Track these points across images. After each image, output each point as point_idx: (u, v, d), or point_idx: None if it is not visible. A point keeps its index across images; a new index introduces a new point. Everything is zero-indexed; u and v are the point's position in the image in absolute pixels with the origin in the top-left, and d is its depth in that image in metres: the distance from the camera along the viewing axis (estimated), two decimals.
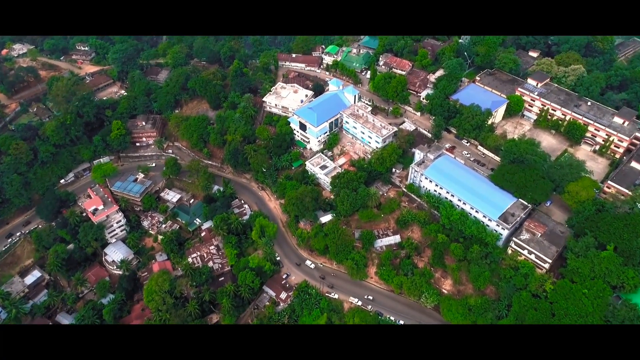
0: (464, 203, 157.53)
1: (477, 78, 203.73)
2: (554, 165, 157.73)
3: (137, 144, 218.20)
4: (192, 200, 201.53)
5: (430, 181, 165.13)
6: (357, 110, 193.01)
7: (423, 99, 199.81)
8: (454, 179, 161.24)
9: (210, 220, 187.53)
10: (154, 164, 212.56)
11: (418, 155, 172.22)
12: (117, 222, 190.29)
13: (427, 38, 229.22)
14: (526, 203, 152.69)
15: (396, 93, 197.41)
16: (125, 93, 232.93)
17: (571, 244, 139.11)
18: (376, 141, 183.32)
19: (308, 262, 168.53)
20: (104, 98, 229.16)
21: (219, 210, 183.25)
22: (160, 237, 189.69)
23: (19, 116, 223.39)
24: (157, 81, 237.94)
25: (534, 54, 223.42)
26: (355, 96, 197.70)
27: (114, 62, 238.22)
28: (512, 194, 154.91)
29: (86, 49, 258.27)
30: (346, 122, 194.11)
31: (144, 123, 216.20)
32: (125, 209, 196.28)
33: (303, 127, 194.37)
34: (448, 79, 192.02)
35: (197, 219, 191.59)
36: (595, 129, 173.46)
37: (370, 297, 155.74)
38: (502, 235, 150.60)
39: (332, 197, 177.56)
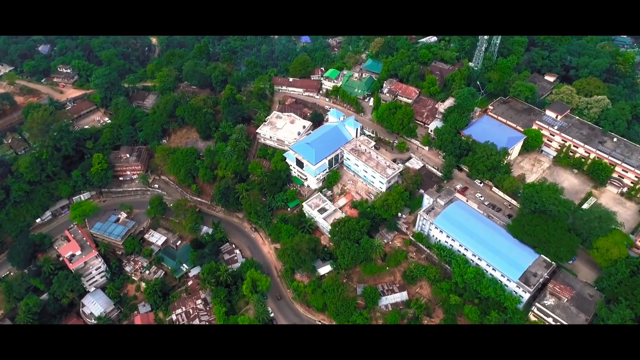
0: (479, 259, 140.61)
1: (490, 107, 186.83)
2: (581, 217, 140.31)
3: (121, 178, 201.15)
4: (179, 242, 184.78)
5: (441, 231, 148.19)
6: (359, 146, 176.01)
7: (431, 131, 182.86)
8: (468, 230, 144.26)
9: (198, 267, 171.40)
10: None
11: (427, 200, 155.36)
12: (96, 269, 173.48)
13: (434, 61, 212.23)
14: (549, 260, 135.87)
15: (402, 126, 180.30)
16: (109, 120, 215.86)
17: (603, 313, 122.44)
18: (380, 182, 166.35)
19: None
20: (86, 127, 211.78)
21: (207, 258, 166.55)
22: (143, 284, 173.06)
23: None
24: (143, 107, 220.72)
25: (550, 78, 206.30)
26: (357, 129, 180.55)
27: (96, 88, 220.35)
28: (533, 249, 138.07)
29: (69, 70, 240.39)
30: (347, 158, 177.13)
31: (128, 155, 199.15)
32: (106, 254, 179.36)
33: (300, 164, 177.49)
34: (459, 112, 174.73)
35: (184, 265, 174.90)
36: (622, 170, 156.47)
37: None
38: (522, 297, 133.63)
39: (331, 244, 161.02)
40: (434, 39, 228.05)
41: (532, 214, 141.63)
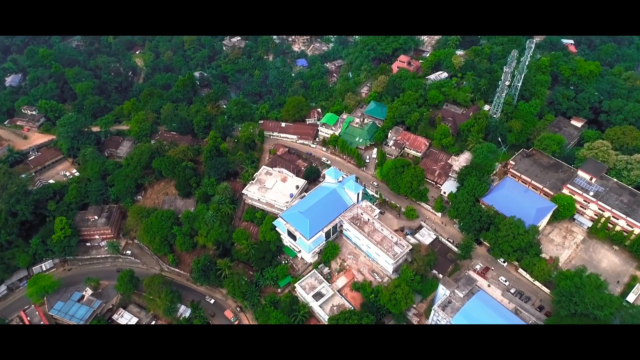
0: None
1: (512, 162, 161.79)
2: (632, 320, 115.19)
3: (88, 244, 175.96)
4: (154, 323, 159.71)
5: None
6: (362, 214, 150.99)
7: (444, 193, 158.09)
8: None
9: None
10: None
11: (442, 291, 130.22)
12: None
13: (446, 103, 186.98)
14: None
15: (411, 189, 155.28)
16: (77, 173, 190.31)
17: None
18: (386, 261, 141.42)
19: None
20: (51, 181, 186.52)
21: None
22: None
23: None
24: (116, 156, 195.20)
25: (577, 124, 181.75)
26: (358, 194, 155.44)
27: (60, 137, 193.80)
28: None
29: (34, 112, 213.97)
30: (347, 229, 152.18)
31: (96, 217, 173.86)
32: None
33: (292, 235, 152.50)
34: (477, 174, 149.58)
35: None
36: None
37: None
38: None
39: None
40: (444, 74, 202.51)
41: (571, 316, 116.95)
